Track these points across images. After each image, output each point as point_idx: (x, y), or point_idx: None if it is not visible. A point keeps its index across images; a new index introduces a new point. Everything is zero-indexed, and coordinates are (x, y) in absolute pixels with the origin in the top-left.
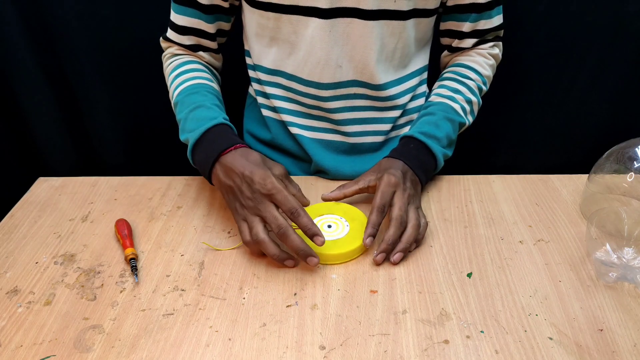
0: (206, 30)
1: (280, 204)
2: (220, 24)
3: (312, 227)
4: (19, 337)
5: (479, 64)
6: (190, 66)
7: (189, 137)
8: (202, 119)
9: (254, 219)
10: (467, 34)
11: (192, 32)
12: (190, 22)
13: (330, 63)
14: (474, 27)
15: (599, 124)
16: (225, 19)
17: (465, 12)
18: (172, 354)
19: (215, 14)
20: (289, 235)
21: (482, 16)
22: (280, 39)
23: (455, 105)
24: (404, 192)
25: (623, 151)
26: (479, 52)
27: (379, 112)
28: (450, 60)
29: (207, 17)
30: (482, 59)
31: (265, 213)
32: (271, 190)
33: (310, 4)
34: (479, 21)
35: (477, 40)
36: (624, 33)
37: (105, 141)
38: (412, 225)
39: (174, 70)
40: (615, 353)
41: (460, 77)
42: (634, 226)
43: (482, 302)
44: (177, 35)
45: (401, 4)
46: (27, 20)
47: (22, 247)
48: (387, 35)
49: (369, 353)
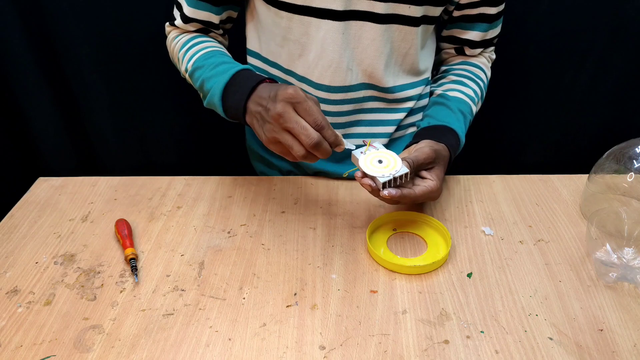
0: (213, 22)
1: (305, 114)
2: (229, 12)
3: (335, 137)
4: (19, 337)
5: (485, 66)
6: (200, 39)
7: (217, 84)
8: (227, 70)
9: (287, 137)
10: (477, 43)
11: (201, 23)
12: (200, 14)
13: (342, 66)
14: (484, 37)
15: (599, 124)
16: (234, 8)
17: (473, 22)
18: (172, 354)
19: (225, 4)
20: (321, 144)
21: (492, 26)
22: (291, 40)
23: (474, 110)
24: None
25: (623, 151)
26: (482, 54)
27: (386, 114)
28: (454, 59)
29: (217, 9)
30: (486, 61)
31: (293, 124)
32: (295, 97)
33: (324, 5)
34: (489, 31)
35: (484, 48)
36: (624, 33)
37: (105, 141)
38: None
39: (186, 44)
40: (615, 353)
41: (476, 78)
42: (634, 226)
43: (482, 302)
44: (185, 25)
45: (414, 10)
46: (27, 21)
47: (22, 247)
48: (397, 40)
49: (369, 353)
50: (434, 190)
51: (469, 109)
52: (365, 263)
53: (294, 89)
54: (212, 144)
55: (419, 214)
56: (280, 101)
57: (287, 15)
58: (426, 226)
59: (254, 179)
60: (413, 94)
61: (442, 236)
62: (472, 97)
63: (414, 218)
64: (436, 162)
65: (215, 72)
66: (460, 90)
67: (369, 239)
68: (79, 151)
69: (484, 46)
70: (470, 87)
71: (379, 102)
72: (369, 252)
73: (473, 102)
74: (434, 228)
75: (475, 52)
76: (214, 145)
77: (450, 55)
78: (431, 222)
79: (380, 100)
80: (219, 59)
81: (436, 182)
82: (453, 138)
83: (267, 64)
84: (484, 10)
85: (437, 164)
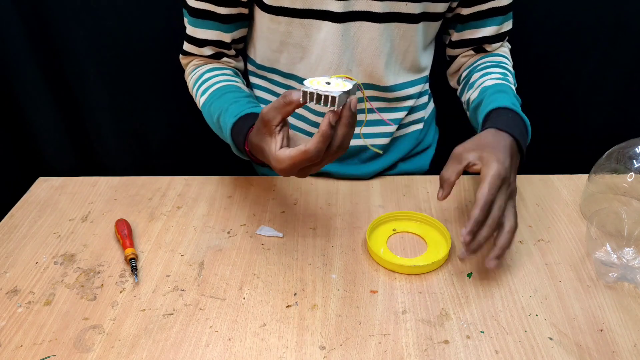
0: (224, 40)
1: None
2: (240, 31)
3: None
4: (19, 337)
5: (508, 55)
6: (209, 74)
7: (232, 145)
8: (225, 127)
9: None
10: (495, 38)
11: (212, 44)
12: (209, 34)
13: (342, 67)
14: (499, 30)
15: (599, 124)
16: (244, 25)
17: (485, 18)
18: (172, 354)
19: (235, 22)
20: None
21: (506, 18)
22: (291, 44)
23: (513, 88)
24: (508, 187)
25: (623, 151)
26: (502, 47)
27: (386, 114)
28: (473, 59)
29: (226, 27)
30: (507, 50)
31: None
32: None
33: (323, 7)
34: (504, 23)
35: (502, 41)
36: (624, 33)
37: (105, 141)
38: (509, 230)
39: (195, 83)
40: (615, 353)
41: (503, 65)
42: (634, 226)
43: (482, 302)
44: (196, 48)
45: (412, 7)
46: (27, 21)
47: (22, 247)
48: (397, 38)
49: (369, 353)
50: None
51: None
52: (365, 263)
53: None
54: (212, 144)
55: (418, 213)
56: (280, 171)
57: (285, 20)
58: (426, 226)
59: (254, 179)
60: (413, 92)
61: (442, 236)
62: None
63: (413, 217)
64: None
65: (219, 128)
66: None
67: (368, 238)
68: (79, 151)
69: (502, 39)
70: (498, 72)
71: (379, 102)
72: (369, 252)
73: (506, 81)
74: (434, 227)
75: (495, 47)
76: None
77: (469, 57)
78: (431, 222)
79: (381, 100)
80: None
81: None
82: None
83: (264, 70)
84: (496, 3)
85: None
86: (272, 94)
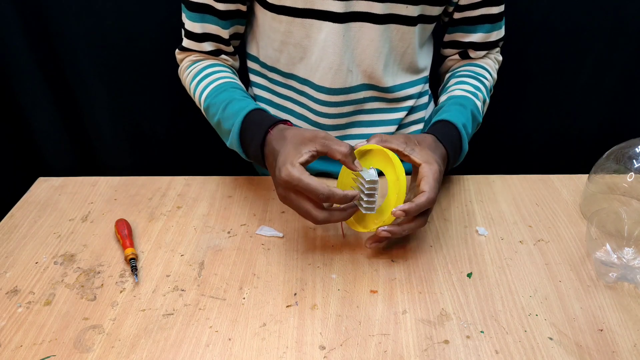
0: (222, 36)
1: (307, 193)
2: (237, 27)
3: (344, 195)
4: (19, 337)
5: (491, 67)
6: (211, 69)
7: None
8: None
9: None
10: (481, 45)
11: (211, 38)
12: (207, 28)
13: (342, 68)
14: (487, 38)
15: (599, 124)
16: (241, 22)
17: (475, 24)
18: (172, 354)
19: (232, 19)
20: (330, 219)
21: (495, 27)
22: (291, 43)
23: (478, 103)
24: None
25: (623, 151)
26: (488, 56)
27: (386, 114)
28: (459, 64)
29: (224, 23)
30: (492, 63)
31: (299, 210)
32: (290, 182)
33: (324, 7)
34: (492, 32)
35: (488, 51)
36: (624, 33)
37: (105, 141)
38: (421, 222)
39: (196, 76)
40: (615, 353)
41: (478, 76)
42: (634, 226)
43: (482, 302)
44: (195, 44)
45: (412, 9)
46: (26, 20)
47: (22, 247)
48: (396, 40)
49: (369, 353)
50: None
51: (468, 100)
52: (365, 263)
53: (287, 172)
54: (212, 144)
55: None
56: (279, 185)
57: (286, 19)
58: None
59: (254, 179)
60: (413, 92)
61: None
62: (473, 91)
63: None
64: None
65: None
66: (460, 88)
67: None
68: (79, 151)
69: (488, 48)
70: (470, 84)
71: (379, 102)
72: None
73: (474, 96)
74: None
75: (479, 55)
76: (214, 145)
77: (455, 61)
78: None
79: (381, 100)
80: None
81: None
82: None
83: (266, 68)
84: (486, 10)
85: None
86: (272, 93)
